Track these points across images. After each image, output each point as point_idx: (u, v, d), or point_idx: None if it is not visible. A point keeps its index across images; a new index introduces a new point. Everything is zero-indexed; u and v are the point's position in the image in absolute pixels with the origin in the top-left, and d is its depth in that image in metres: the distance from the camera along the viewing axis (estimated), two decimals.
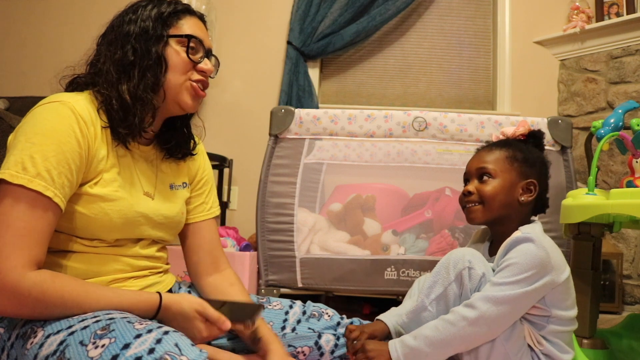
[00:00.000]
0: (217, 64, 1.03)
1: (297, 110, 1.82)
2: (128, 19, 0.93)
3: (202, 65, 0.96)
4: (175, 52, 0.93)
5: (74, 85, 0.94)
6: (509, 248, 0.94)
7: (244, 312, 0.90)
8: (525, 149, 1.06)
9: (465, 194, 1.05)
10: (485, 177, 1.03)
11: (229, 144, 2.63)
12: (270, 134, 1.82)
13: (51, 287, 0.75)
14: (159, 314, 0.83)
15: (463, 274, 0.93)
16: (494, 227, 1.07)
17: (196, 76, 0.96)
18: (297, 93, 2.61)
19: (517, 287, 0.88)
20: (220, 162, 2.49)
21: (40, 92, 2.55)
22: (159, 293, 0.85)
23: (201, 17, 1.01)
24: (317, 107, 2.64)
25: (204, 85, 0.98)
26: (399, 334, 1.05)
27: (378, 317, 1.08)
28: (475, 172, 1.05)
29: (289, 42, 2.65)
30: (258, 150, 2.08)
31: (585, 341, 1.20)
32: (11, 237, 0.74)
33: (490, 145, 1.08)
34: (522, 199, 1.01)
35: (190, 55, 0.94)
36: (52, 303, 0.75)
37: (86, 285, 0.80)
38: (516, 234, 0.95)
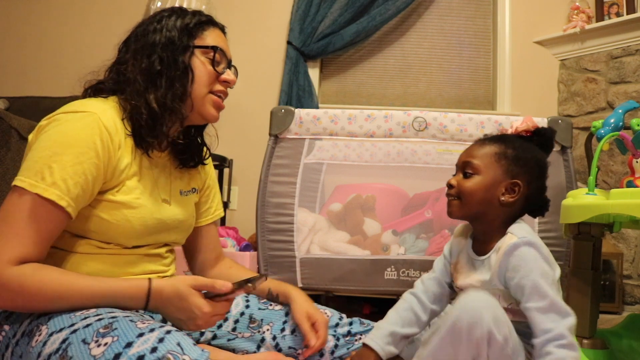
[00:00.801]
0: (236, 74, 1.04)
1: (297, 110, 1.82)
2: (153, 28, 0.94)
3: (225, 76, 0.98)
4: (200, 63, 0.95)
5: (97, 90, 0.95)
6: (508, 255, 0.90)
7: (246, 281, 0.89)
8: (520, 147, 1.00)
9: (448, 187, 1.02)
10: (468, 172, 0.99)
11: (229, 144, 2.63)
12: (270, 134, 1.82)
13: (29, 279, 0.76)
14: (151, 300, 0.82)
15: (480, 344, 0.81)
16: (473, 223, 1.03)
17: (218, 87, 0.98)
18: (297, 93, 2.61)
19: (561, 307, 0.85)
20: (220, 162, 2.50)
21: (40, 92, 2.55)
22: (149, 278, 0.84)
23: (222, 29, 1.03)
24: (317, 107, 2.64)
25: (224, 95, 1.00)
26: (389, 354, 1.01)
27: (364, 342, 1.02)
28: (461, 165, 1.02)
29: (289, 42, 2.65)
30: (258, 150, 2.08)
31: (585, 341, 1.21)
32: (8, 233, 0.76)
33: (485, 139, 1.04)
34: (503, 199, 0.96)
35: (215, 67, 0.96)
36: (30, 294, 0.76)
37: (69, 275, 0.80)
38: (512, 239, 0.91)
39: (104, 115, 0.85)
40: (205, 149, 1.10)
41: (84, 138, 0.82)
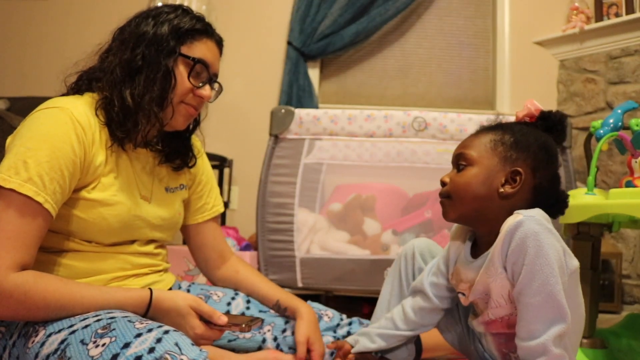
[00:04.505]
0: (220, 90, 1.00)
1: (297, 111, 1.82)
2: (147, 20, 0.91)
3: (201, 91, 0.94)
4: (179, 72, 0.91)
5: (78, 85, 0.93)
6: (512, 233, 0.76)
7: (242, 319, 0.91)
8: (519, 131, 0.88)
9: (442, 185, 0.89)
10: (462, 164, 0.87)
11: (229, 144, 2.64)
12: (270, 134, 1.83)
13: (33, 288, 0.74)
14: (150, 310, 0.82)
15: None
16: (475, 226, 0.89)
17: (192, 100, 0.94)
18: (297, 93, 2.62)
19: (559, 306, 0.74)
20: (220, 162, 2.50)
21: (41, 92, 2.53)
22: (150, 289, 0.84)
23: (218, 41, 0.98)
24: (317, 107, 2.64)
25: (198, 108, 0.97)
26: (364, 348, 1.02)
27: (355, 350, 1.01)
28: (454, 159, 0.89)
29: (289, 43, 2.65)
30: (258, 150, 2.08)
31: (584, 341, 1.21)
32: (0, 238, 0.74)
33: (481, 129, 0.92)
34: (502, 190, 0.83)
35: (191, 79, 0.92)
36: (34, 305, 0.74)
37: (70, 285, 0.79)
38: (517, 217, 0.77)
39: (76, 111, 0.83)
40: (191, 153, 1.05)
41: (59, 133, 0.80)
